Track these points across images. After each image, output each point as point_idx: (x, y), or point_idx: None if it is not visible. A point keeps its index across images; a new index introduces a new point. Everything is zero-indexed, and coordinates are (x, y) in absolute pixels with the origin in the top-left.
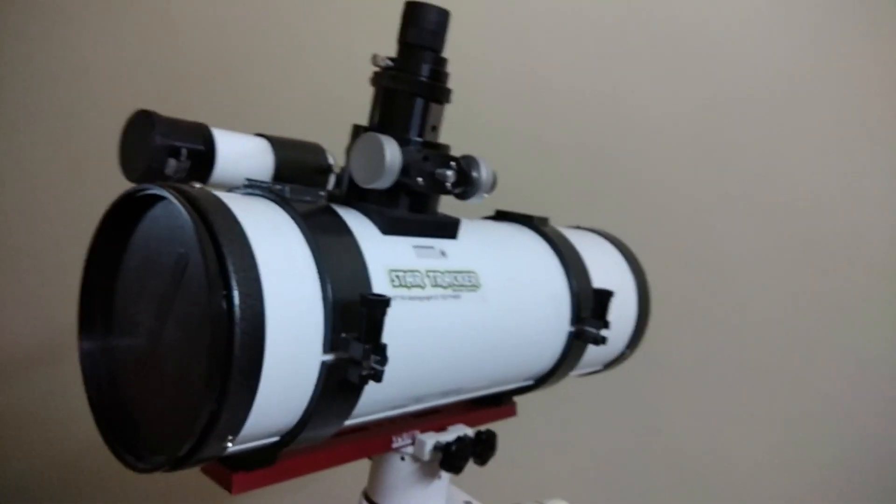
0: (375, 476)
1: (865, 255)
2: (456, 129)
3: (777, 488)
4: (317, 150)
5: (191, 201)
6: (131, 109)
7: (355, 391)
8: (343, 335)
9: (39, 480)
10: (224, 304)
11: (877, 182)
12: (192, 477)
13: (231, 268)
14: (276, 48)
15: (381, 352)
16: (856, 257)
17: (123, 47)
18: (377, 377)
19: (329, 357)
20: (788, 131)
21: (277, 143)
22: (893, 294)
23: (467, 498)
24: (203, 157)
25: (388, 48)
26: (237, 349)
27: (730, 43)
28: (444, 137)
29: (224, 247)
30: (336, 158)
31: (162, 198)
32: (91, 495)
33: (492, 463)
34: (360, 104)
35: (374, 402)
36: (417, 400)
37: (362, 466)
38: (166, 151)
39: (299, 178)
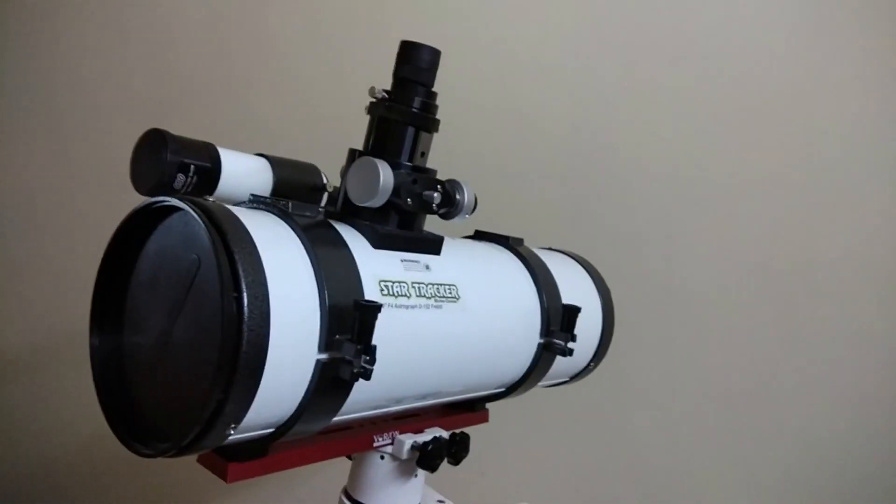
0: (356, 474)
1: (824, 277)
2: (441, 155)
3: (740, 501)
4: (312, 170)
5: (206, 213)
6: (130, 124)
7: (345, 388)
8: (337, 336)
9: (31, 482)
10: (234, 305)
11: (868, 201)
12: (181, 478)
13: (241, 273)
14: (275, 74)
15: (370, 352)
16: (816, 280)
17: (125, 63)
18: (366, 375)
19: (324, 356)
20: (755, 162)
21: (276, 163)
22: (856, 312)
23: (440, 497)
24: (209, 174)
25: (379, 78)
26: (245, 345)
27: (704, 70)
28: (430, 163)
29: (236, 254)
30: (329, 178)
31: (177, 208)
32: (82, 497)
33: (462, 468)
34: (349, 128)
35: (359, 401)
36: (398, 401)
37: (342, 469)
38: (176, 167)
39: (295, 196)
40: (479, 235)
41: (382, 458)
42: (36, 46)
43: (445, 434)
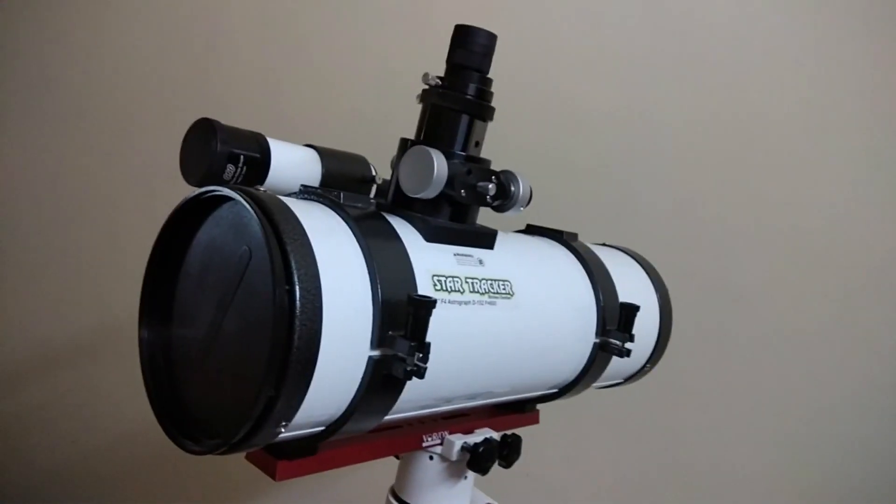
0: (404, 474)
1: (879, 278)
2: (492, 146)
3: None
4: (361, 162)
5: (258, 203)
6: (161, 117)
7: (398, 386)
8: (390, 333)
9: (57, 479)
10: (287, 298)
11: (892, 207)
12: (203, 479)
13: (294, 265)
14: (314, 64)
15: (424, 350)
16: (869, 281)
17: (167, 57)
18: (420, 374)
19: (376, 353)
20: (811, 157)
21: (325, 154)
22: None
23: (489, 500)
24: (259, 164)
25: (421, 70)
26: (297, 340)
27: (756, 69)
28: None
29: (288, 245)
30: (377, 170)
31: (228, 198)
32: (105, 495)
33: (507, 471)
34: (390, 118)
35: (410, 399)
36: (448, 400)
37: (387, 467)
38: (226, 157)
39: (344, 187)
40: (532, 230)
41: (431, 458)
42: (80, 41)
43: (496, 435)
